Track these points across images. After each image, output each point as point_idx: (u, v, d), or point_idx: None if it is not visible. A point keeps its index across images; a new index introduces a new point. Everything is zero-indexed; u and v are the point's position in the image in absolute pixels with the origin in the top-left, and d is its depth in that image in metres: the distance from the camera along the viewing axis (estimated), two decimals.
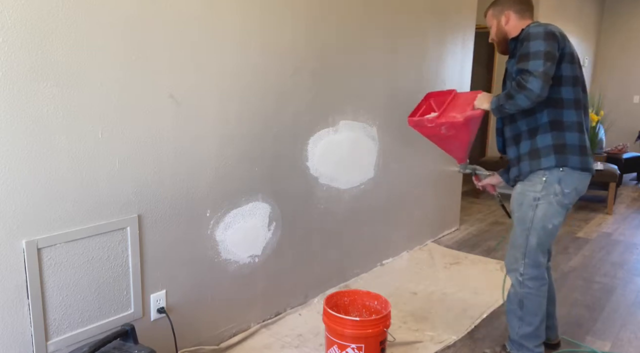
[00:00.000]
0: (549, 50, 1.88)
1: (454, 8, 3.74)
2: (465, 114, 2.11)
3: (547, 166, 1.98)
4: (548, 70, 1.86)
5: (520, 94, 1.89)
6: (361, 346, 2.02)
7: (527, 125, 2.05)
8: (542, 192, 2.01)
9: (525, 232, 2.06)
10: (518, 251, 2.10)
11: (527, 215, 2.05)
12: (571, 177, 2.00)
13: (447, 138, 2.21)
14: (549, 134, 1.99)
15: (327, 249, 2.88)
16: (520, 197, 2.08)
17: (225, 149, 2.19)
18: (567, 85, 1.98)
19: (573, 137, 1.99)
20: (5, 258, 1.57)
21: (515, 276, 2.12)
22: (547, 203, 2.01)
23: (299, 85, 2.51)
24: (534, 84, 1.85)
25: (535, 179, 2.02)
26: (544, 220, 2.02)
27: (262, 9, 2.24)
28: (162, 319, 2.06)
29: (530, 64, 1.88)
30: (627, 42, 7.33)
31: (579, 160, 1.99)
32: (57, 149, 1.64)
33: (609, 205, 5.05)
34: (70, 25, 1.62)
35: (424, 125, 2.19)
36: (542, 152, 2.00)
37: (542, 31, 1.92)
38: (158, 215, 1.98)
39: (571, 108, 1.99)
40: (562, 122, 1.99)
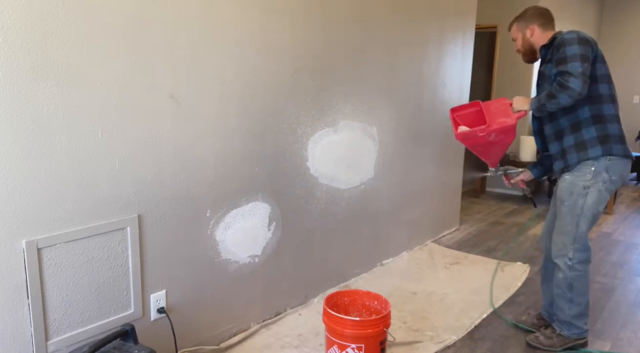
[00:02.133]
0: (583, 53, 2.08)
1: (454, 8, 3.75)
2: (514, 116, 2.27)
3: (594, 156, 2.17)
4: (585, 70, 2.06)
5: (563, 93, 2.07)
6: (361, 346, 2.02)
7: (568, 121, 2.23)
8: (591, 181, 2.19)
9: (575, 218, 2.23)
10: (568, 237, 2.25)
11: (577, 203, 2.22)
12: (617, 164, 2.19)
13: (492, 144, 2.35)
14: (593, 127, 2.18)
15: (327, 249, 2.88)
16: (571, 187, 2.23)
17: (225, 149, 2.19)
18: (603, 82, 2.18)
19: (615, 128, 2.20)
20: (5, 258, 1.57)
21: (563, 261, 2.27)
22: (596, 191, 2.19)
23: (299, 85, 2.51)
24: (575, 83, 2.05)
25: (585, 169, 2.20)
26: (593, 207, 2.21)
27: (262, 9, 2.24)
28: (162, 319, 2.06)
29: (569, 65, 2.07)
30: (627, 43, 7.33)
31: (621, 148, 2.19)
32: (57, 149, 1.64)
33: (609, 205, 5.05)
34: (70, 25, 1.62)
35: (476, 136, 2.31)
36: (589, 144, 2.18)
37: (575, 37, 2.12)
38: (158, 215, 1.98)
39: (609, 102, 2.20)
40: (603, 115, 2.19)
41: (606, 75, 2.21)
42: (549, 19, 2.38)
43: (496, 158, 2.51)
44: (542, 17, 2.36)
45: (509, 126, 2.26)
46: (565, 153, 2.26)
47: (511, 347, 2.42)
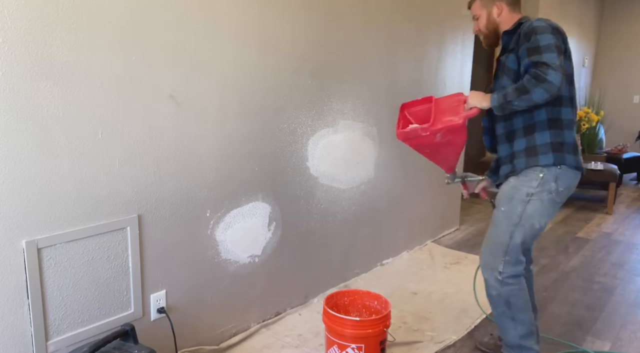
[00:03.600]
0: (558, 45, 1.81)
1: (454, 8, 3.74)
2: (462, 114, 1.98)
3: (545, 163, 1.93)
4: (562, 64, 1.78)
5: (539, 87, 1.77)
6: (361, 346, 2.02)
7: (523, 122, 1.98)
8: (537, 188, 1.94)
9: (510, 228, 1.98)
10: (498, 248, 2.01)
11: (515, 210, 1.97)
12: (567, 175, 1.96)
13: (440, 146, 2.07)
14: (548, 132, 1.94)
15: (327, 249, 2.88)
16: (512, 191, 1.99)
17: (225, 149, 2.19)
18: (567, 82, 1.94)
19: (570, 136, 1.96)
20: (5, 258, 1.57)
21: (493, 276, 2.03)
22: (539, 201, 1.95)
23: (299, 85, 2.51)
24: (554, 76, 1.75)
25: (532, 175, 1.95)
26: (532, 218, 1.96)
27: (262, 9, 2.24)
28: (162, 319, 2.06)
29: (545, 56, 1.77)
30: (627, 42, 7.33)
31: (574, 159, 1.96)
32: (57, 148, 1.64)
33: (609, 205, 5.05)
34: (70, 25, 1.62)
35: (418, 135, 2.03)
36: (540, 150, 1.94)
37: (547, 26, 1.86)
38: (158, 215, 1.98)
39: (568, 106, 1.96)
40: (561, 120, 1.95)
41: (571, 75, 1.96)
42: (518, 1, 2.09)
43: (449, 162, 2.23)
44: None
45: (455, 126, 1.96)
46: (514, 157, 2.01)
47: None
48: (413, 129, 2.02)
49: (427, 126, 1.98)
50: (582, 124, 5.57)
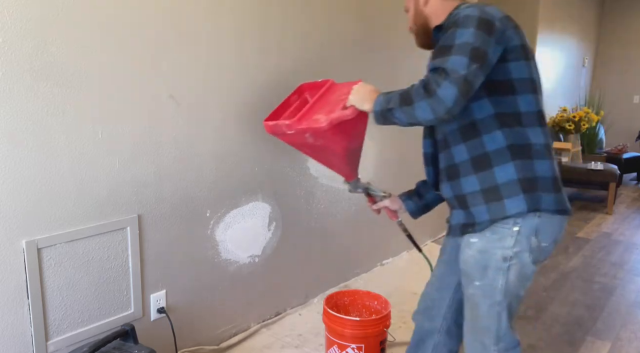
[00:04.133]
0: (478, 46, 1.27)
1: None
2: (332, 116, 1.53)
3: (516, 211, 1.36)
4: (472, 75, 1.25)
5: (423, 102, 1.28)
6: (361, 346, 2.02)
7: (469, 153, 1.42)
8: (515, 248, 1.40)
9: (495, 308, 1.44)
10: (487, 336, 1.47)
11: (495, 284, 1.42)
12: (550, 224, 1.40)
13: (318, 149, 1.68)
14: (511, 164, 1.37)
15: (327, 249, 2.88)
16: (483, 258, 1.43)
17: (225, 148, 2.19)
18: (526, 92, 1.38)
19: (544, 167, 1.38)
20: (5, 258, 1.57)
21: None
22: (520, 265, 1.42)
23: (299, 84, 2.50)
24: (447, 91, 1.24)
25: (503, 231, 1.39)
26: (517, 287, 1.45)
27: (263, 9, 2.24)
28: (162, 319, 2.06)
29: (451, 60, 1.26)
30: (627, 42, 7.33)
31: (555, 200, 1.39)
32: (57, 148, 1.64)
33: (609, 205, 5.05)
34: (70, 25, 1.62)
35: (283, 133, 1.67)
36: (505, 191, 1.37)
37: (476, 15, 1.31)
38: (158, 215, 1.98)
39: (536, 125, 1.39)
40: (528, 145, 1.37)
41: (530, 80, 1.39)
42: None
43: (340, 169, 1.81)
44: None
45: (319, 129, 1.53)
46: (466, 202, 1.45)
47: None
48: (278, 124, 1.71)
49: (291, 122, 1.64)
50: (582, 124, 5.57)
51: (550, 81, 6.23)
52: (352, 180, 1.85)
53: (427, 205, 1.91)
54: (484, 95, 1.37)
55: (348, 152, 1.68)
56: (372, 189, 1.87)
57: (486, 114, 1.38)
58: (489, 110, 1.38)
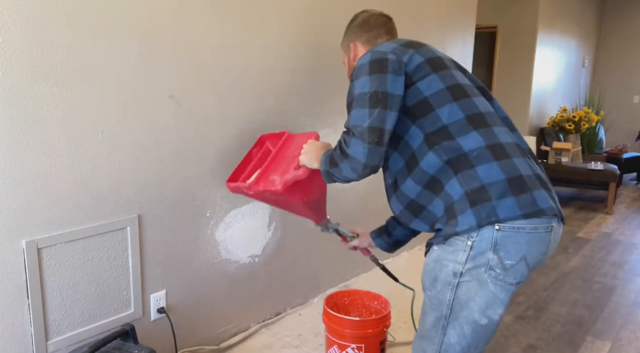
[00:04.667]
0: (376, 90, 1.28)
1: (454, 8, 3.74)
2: (286, 177, 1.57)
3: (465, 228, 1.25)
4: (376, 122, 1.26)
5: (343, 163, 1.33)
6: (361, 346, 2.02)
7: (419, 183, 1.36)
8: (467, 265, 1.27)
9: (441, 321, 1.33)
10: (428, 346, 1.38)
11: (442, 297, 1.32)
12: (514, 238, 1.23)
13: (281, 202, 1.73)
14: (454, 179, 1.28)
15: (327, 249, 2.88)
16: (436, 267, 1.33)
17: (225, 148, 2.19)
18: (444, 103, 1.33)
19: (492, 171, 1.26)
20: (5, 258, 1.57)
21: None
22: (475, 282, 1.27)
23: (299, 85, 2.50)
24: (356, 149, 1.28)
25: (457, 243, 1.28)
26: (470, 309, 1.28)
27: (262, 9, 2.24)
28: (162, 319, 2.06)
29: (352, 117, 1.30)
30: (627, 42, 7.33)
31: (517, 203, 1.23)
32: (57, 148, 1.64)
33: (609, 205, 5.05)
34: (70, 25, 1.62)
35: (245, 193, 1.71)
36: (457, 207, 1.28)
37: (367, 61, 1.33)
38: (158, 215, 1.98)
39: (468, 130, 1.30)
40: (464, 155, 1.28)
41: (445, 89, 1.34)
42: (380, 28, 1.60)
43: (310, 214, 1.82)
44: (368, 28, 1.61)
45: (276, 191, 1.58)
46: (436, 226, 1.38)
47: (511, 347, 2.42)
48: (238, 185, 1.78)
49: (249, 183, 1.70)
50: (582, 124, 5.58)
51: (550, 81, 6.23)
52: (321, 222, 1.91)
53: (397, 241, 1.83)
54: (410, 124, 1.35)
55: (309, 203, 1.71)
56: (341, 231, 1.94)
57: (419, 141, 1.34)
58: (420, 136, 1.34)
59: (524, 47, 5.64)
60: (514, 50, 5.68)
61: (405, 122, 1.34)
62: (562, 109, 6.00)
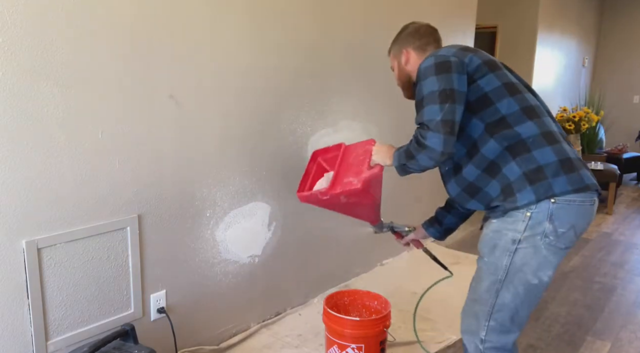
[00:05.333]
0: (444, 88, 1.48)
1: (454, 8, 3.74)
2: (362, 176, 1.74)
3: (525, 203, 1.47)
4: (448, 115, 1.47)
5: (420, 154, 1.54)
6: (361, 346, 2.02)
7: (478, 167, 1.57)
8: (525, 233, 1.48)
9: (495, 284, 1.53)
10: (481, 308, 1.56)
11: (499, 263, 1.52)
12: (568, 209, 1.46)
13: (351, 205, 1.86)
14: (513, 163, 1.50)
15: (328, 249, 2.88)
16: (495, 237, 1.54)
17: (225, 148, 2.19)
18: (502, 97, 1.53)
19: (547, 153, 1.48)
20: (5, 258, 1.57)
21: (473, 343, 1.58)
22: (532, 249, 1.48)
23: (299, 85, 2.50)
24: (433, 140, 1.47)
25: (517, 215, 1.49)
26: (524, 272, 1.49)
27: (262, 9, 2.24)
28: (162, 319, 2.06)
29: (425, 112, 1.51)
30: (627, 42, 7.33)
31: (568, 180, 1.45)
32: (57, 148, 1.64)
33: (609, 205, 5.05)
34: (70, 25, 1.62)
35: (318, 199, 1.83)
36: (516, 186, 1.49)
37: (432, 64, 1.54)
38: (158, 215, 1.98)
39: (524, 120, 1.52)
40: (522, 141, 1.50)
41: (502, 86, 1.54)
42: (430, 37, 1.82)
43: (368, 218, 1.99)
44: (421, 37, 1.80)
45: (355, 190, 1.71)
46: (492, 203, 1.58)
47: None
48: (312, 193, 1.87)
49: (325, 189, 1.81)
50: (582, 124, 5.57)
51: (550, 81, 6.23)
52: (378, 223, 2.05)
53: (448, 229, 2.05)
54: (471, 117, 1.55)
55: (376, 202, 1.91)
56: (397, 226, 2.06)
57: (480, 130, 1.55)
58: (480, 127, 1.55)
59: (524, 47, 5.63)
60: (514, 50, 5.68)
61: (466, 115, 1.55)
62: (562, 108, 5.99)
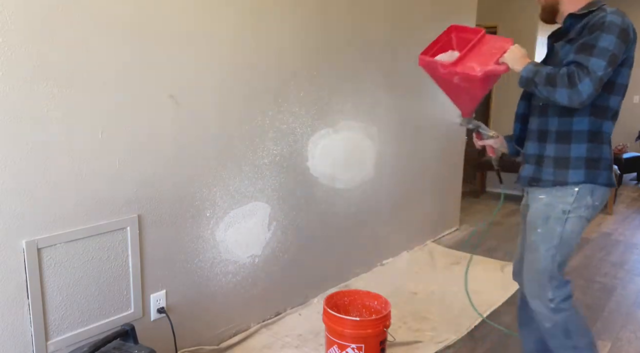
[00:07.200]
0: (615, 53, 1.59)
1: (454, 8, 3.74)
2: (486, 68, 1.80)
3: (574, 181, 1.73)
4: (606, 76, 1.59)
5: (565, 89, 1.59)
6: (361, 346, 2.02)
7: (558, 126, 1.77)
8: (573, 204, 1.75)
9: (551, 250, 1.78)
10: (543, 275, 1.80)
11: (554, 231, 1.77)
12: (601, 190, 1.77)
13: (457, 88, 1.94)
14: (585, 145, 1.73)
15: (327, 249, 2.88)
16: (547, 210, 1.78)
17: (225, 148, 2.19)
18: (618, 94, 1.73)
19: (608, 151, 1.76)
20: (5, 258, 1.57)
21: (544, 304, 1.81)
22: (577, 218, 1.76)
23: (299, 85, 2.51)
24: (586, 86, 1.56)
25: (566, 190, 1.75)
26: (572, 236, 1.78)
27: (262, 10, 2.24)
28: (162, 319, 2.06)
29: (593, 61, 1.57)
30: None
31: (608, 176, 1.76)
32: (57, 148, 1.64)
33: (609, 205, 5.05)
34: (70, 25, 1.62)
35: (436, 68, 1.91)
36: (572, 164, 1.74)
37: (619, 24, 1.59)
38: (158, 215, 1.98)
39: (611, 119, 1.76)
40: (602, 133, 1.74)
41: (625, 86, 1.75)
42: None
43: (465, 107, 2.08)
44: None
45: (473, 76, 1.81)
46: (542, 162, 1.81)
47: (511, 347, 2.42)
48: (434, 61, 1.92)
49: (448, 63, 1.86)
50: None
51: None
52: (468, 117, 2.10)
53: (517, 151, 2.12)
54: None
55: (481, 97, 1.99)
56: (483, 128, 2.16)
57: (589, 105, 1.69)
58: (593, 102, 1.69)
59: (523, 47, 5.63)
60: None
61: None
62: None
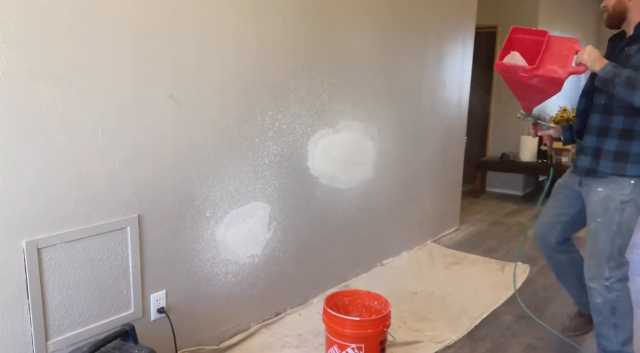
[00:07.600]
0: None
1: (454, 8, 3.75)
2: (569, 69, 1.92)
3: (632, 174, 1.94)
4: None
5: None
6: (361, 346, 2.02)
7: (622, 125, 1.95)
8: (630, 195, 1.96)
9: (611, 235, 2.00)
10: (601, 256, 2.02)
11: (613, 220, 1.99)
12: None
13: (532, 88, 2.04)
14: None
15: (327, 249, 2.88)
16: (606, 201, 2.00)
17: (225, 148, 2.19)
18: None
19: None
20: (5, 258, 1.57)
21: (600, 283, 2.03)
22: (634, 206, 1.97)
23: (299, 85, 2.51)
24: None
25: (622, 182, 1.96)
26: (629, 223, 1.99)
27: (262, 10, 2.24)
28: (162, 319, 2.06)
29: None
30: None
31: None
32: (57, 148, 1.64)
33: None
34: (70, 25, 1.62)
35: (516, 73, 1.99)
36: (632, 159, 1.94)
37: None
38: (158, 215, 1.98)
39: None
40: None
41: None
42: None
43: (532, 103, 2.23)
44: None
45: (557, 79, 1.92)
46: (600, 155, 2.01)
47: (511, 347, 2.42)
48: (515, 65, 2.01)
49: (529, 68, 1.94)
50: None
51: None
52: (529, 111, 2.25)
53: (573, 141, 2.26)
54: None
55: (550, 96, 2.08)
56: (542, 119, 2.30)
57: None
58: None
59: None
60: None
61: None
62: (562, 108, 5.99)
